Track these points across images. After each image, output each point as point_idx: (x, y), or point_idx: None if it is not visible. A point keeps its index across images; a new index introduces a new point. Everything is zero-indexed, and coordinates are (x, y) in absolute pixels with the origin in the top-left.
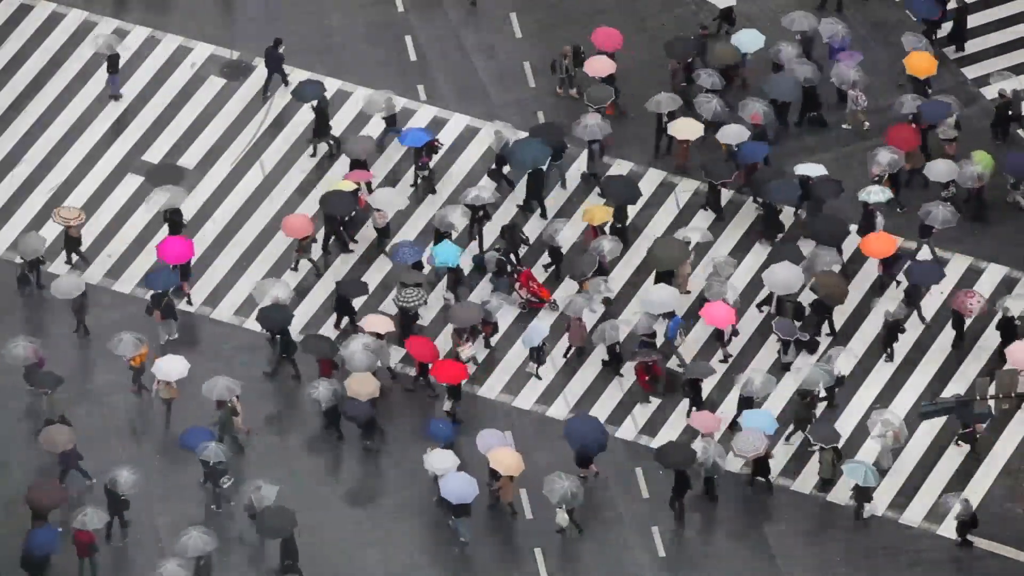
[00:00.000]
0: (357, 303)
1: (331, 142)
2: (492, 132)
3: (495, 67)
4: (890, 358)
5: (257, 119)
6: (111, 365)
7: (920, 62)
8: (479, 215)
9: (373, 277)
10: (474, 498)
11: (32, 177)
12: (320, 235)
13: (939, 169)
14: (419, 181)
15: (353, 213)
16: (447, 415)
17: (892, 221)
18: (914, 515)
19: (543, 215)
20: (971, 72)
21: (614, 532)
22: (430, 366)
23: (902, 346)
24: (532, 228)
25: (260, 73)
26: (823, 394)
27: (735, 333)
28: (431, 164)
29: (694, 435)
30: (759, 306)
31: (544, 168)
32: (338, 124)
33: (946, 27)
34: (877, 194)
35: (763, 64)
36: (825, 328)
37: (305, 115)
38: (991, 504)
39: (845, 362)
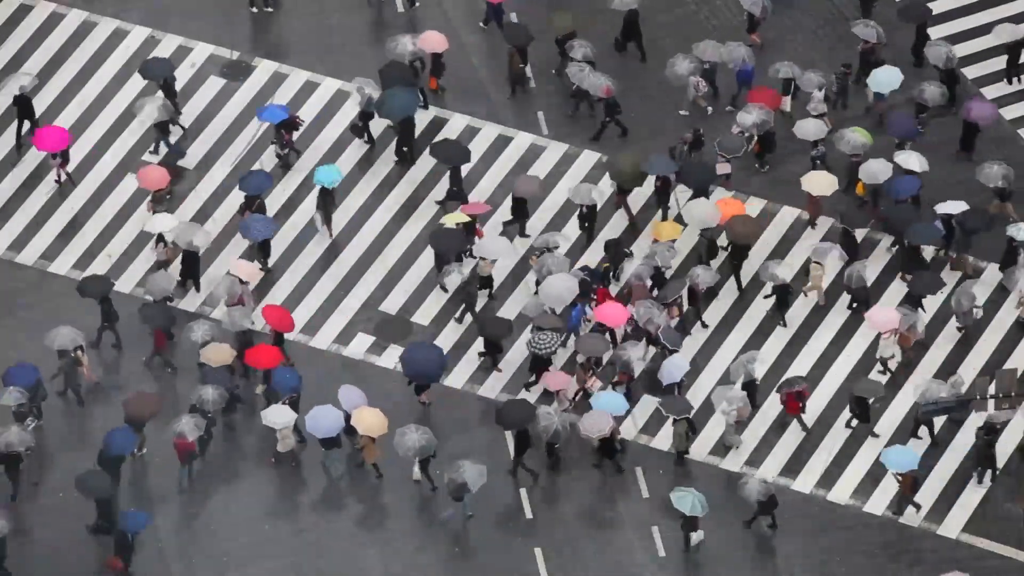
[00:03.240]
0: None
1: (180, 124)
2: (355, 89)
3: (495, 67)
4: (784, 324)
5: (257, 119)
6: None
7: None
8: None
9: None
10: (339, 432)
11: (32, 177)
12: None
13: (807, 128)
14: (279, 159)
15: (466, 249)
16: (263, 395)
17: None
18: (914, 515)
19: (412, 162)
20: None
21: (614, 532)
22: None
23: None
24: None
25: (260, 74)
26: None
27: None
28: (294, 141)
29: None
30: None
31: (414, 115)
32: (338, 123)
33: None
34: None
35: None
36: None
37: (305, 114)
38: (991, 504)
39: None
